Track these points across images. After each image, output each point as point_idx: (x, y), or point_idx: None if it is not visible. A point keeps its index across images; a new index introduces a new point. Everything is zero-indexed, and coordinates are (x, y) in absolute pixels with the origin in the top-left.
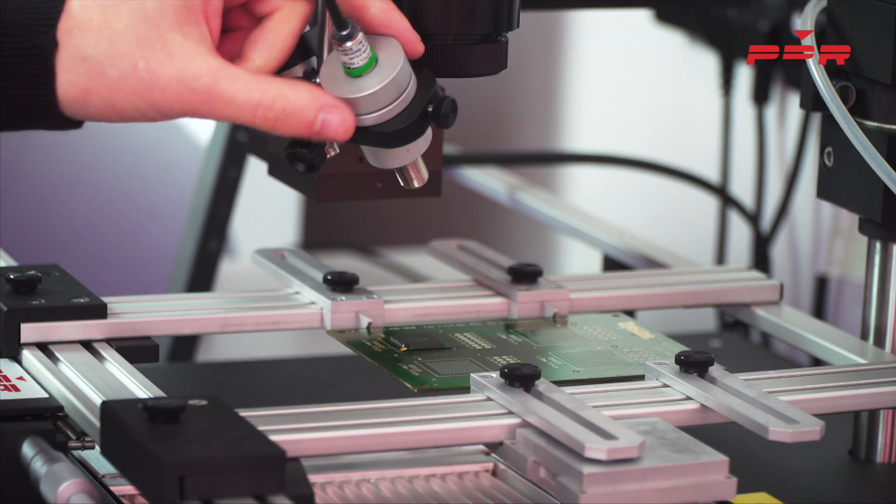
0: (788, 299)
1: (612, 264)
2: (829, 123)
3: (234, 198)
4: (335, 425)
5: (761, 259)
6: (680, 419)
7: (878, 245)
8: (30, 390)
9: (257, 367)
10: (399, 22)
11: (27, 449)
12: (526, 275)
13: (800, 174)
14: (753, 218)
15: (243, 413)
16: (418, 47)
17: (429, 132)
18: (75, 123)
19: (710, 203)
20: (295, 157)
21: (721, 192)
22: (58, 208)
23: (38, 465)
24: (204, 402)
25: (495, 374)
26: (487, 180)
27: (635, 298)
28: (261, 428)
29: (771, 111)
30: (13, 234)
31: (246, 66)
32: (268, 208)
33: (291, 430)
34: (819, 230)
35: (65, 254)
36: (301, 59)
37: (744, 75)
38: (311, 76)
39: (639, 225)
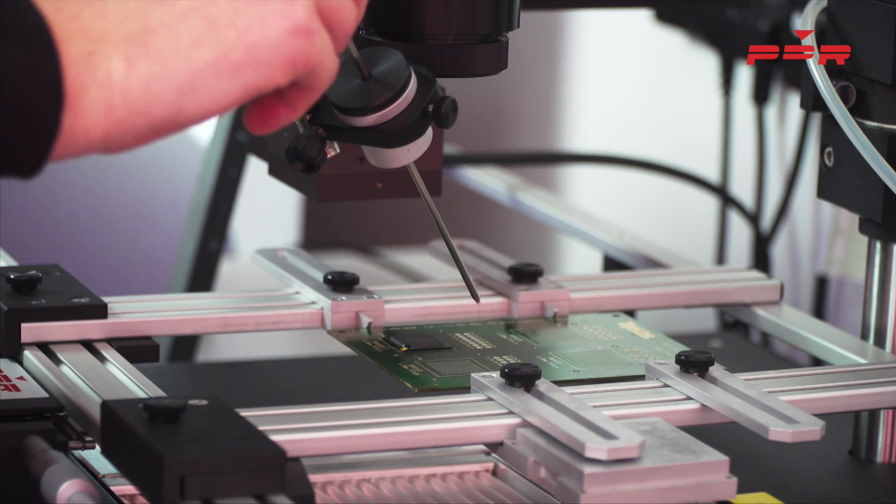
0: (788, 299)
1: (612, 264)
2: (829, 123)
3: (234, 198)
4: (335, 425)
5: (761, 259)
6: (680, 419)
7: (878, 245)
8: (30, 390)
9: (257, 367)
10: None
11: (27, 449)
12: (526, 275)
13: (800, 174)
14: (753, 218)
15: (243, 413)
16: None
17: (429, 132)
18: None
19: (710, 203)
20: (295, 157)
21: (721, 192)
22: (58, 208)
23: (38, 465)
24: (204, 402)
25: (496, 374)
26: (487, 180)
27: (635, 298)
28: (261, 428)
29: (771, 111)
30: (13, 234)
31: None
32: (268, 208)
33: (292, 430)
34: (819, 230)
35: (65, 254)
36: None
37: (744, 75)
38: None
39: (639, 225)
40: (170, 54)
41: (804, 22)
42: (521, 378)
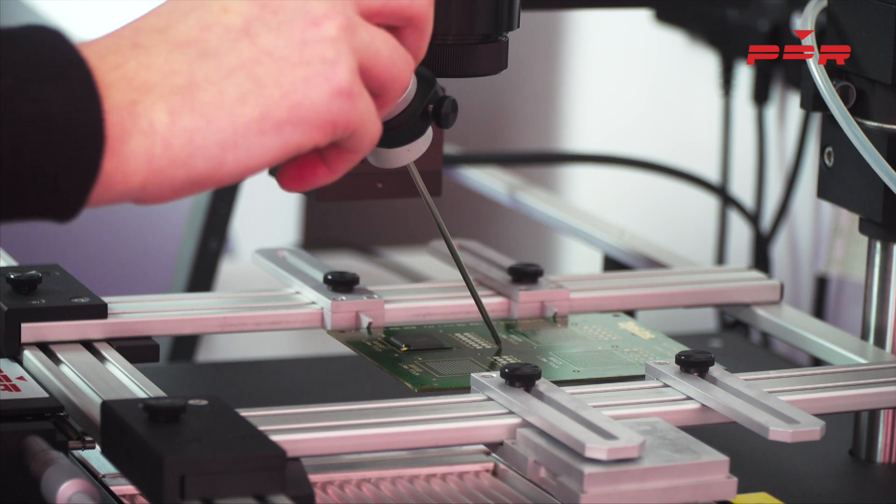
0: (788, 299)
1: (612, 264)
2: (829, 123)
3: (234, 198)
4: (335, 425)
5: (761, 259)
6: (680, 419)
7: (878, 245)
8: (30, 390)
9: (257, 367)
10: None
11: (27, 449)
12: (526, 275)
13: (800, 174)
14: (753, 218)
15: (243, 413)
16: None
17: (429, 132)
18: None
19: (710, 203)
20: None
21: (721, 192)
22: None
23: (38, 465)
24: (204, 402)
25: (496, 374)
26: (487, 180)
27: (635, 298)
28: (261, 428)
29: (771, 111)
30: (13, 234)
31: None
32: (268, 208)
33: (292, 430)
34: (819, 230)
35: (65, 254)
36: None
37: (744, 75)
38: None
39: (639, 225)
40: (214, 109)
41: (804, 22)
42: (521, 378)
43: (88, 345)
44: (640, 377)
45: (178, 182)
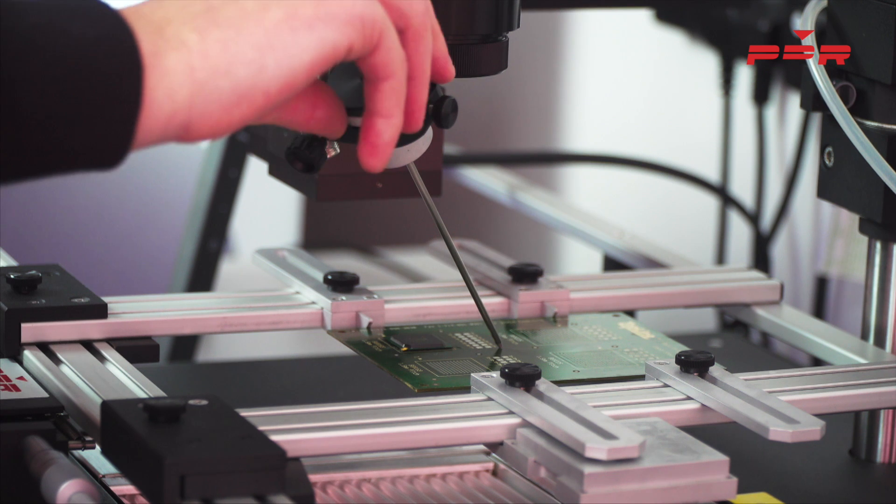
0: (788, 299)
1: (612, 264)
2: (829, 123)
3: (234, 198)
4: (335, 425)
5: (761, 259)
6: (680, 419)
7: (878, 245)
8: (30, 390)
9: (257, 367)
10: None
11: (27, 449)
12: (526, 275)
13: (800, 174)
14: (753, 218)
15: (244, 413)
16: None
17: (429, 132)
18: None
19: (710, 203)
20: (295, 157)
21: (721, 192)
22: (58, 208)
23: (38, 465)
24: (204, 402)
25: (496, 374)
26: (487, 180)
27: (635, 298)
28: (261, 428)
29: (771, 111)
30: (13, 234)
31: None
32: (268, 208)
33: (292, 430)
34: (819, 230)
35: (65, 254)
36: None
37: (744, 75)
38: None
39: (639, 225)
40: (239, 19)
41: (804, 22)
42: (521, 378)
43: (88, 345)
44: (640, 377)
45: (224, 95)
